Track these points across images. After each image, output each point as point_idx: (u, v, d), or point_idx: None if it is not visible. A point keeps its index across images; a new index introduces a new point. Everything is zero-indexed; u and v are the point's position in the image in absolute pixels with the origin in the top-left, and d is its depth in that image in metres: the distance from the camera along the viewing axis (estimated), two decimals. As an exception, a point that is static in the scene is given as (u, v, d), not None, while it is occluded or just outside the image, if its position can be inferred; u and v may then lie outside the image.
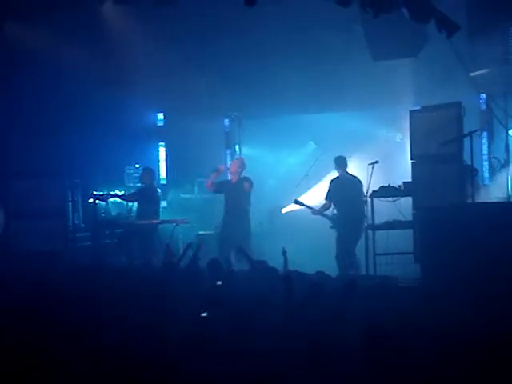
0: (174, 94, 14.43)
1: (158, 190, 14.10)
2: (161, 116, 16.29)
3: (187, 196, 15.49)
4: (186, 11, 12.55)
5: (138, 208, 13.09)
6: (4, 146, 12.81)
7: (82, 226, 13.91)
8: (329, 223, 12.05)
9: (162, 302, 7.07)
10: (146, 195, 13.04)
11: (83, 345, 5.88)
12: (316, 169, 14.76)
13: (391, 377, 4.96)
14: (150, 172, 13.53)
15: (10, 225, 12.57)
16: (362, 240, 11.48)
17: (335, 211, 12.01)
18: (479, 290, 8.00)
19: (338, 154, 12.30)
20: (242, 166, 12.74)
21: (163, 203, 14.78)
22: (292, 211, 14.54)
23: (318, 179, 14.57)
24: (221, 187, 12.78)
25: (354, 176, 12.15)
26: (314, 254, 11.88)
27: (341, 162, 12.17)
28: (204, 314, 6.54)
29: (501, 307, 6.75)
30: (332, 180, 12.21)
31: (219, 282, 8.08)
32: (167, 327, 6.21)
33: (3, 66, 12.62)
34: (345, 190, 11.93)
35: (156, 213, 13.04)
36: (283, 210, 14.98)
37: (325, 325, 6.07)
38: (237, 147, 16.14)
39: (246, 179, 12.53)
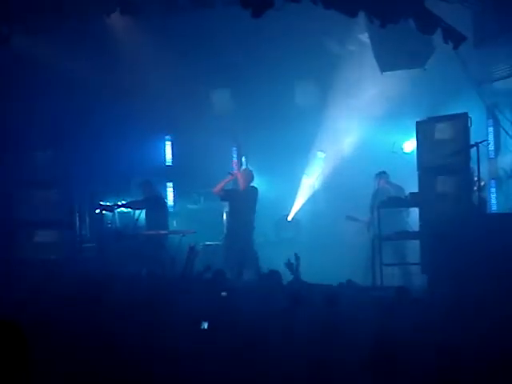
0: (181, 108, 14.43)
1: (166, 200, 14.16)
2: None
3: (194, 207, 15.49)
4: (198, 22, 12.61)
5: (147, 218, 13.08)
6: (11, 156, 12.84)
7: (89, 236, 13.90)
8: None
9: (164, 313, 7.06)
10: (154, 204, 13.04)
11: (83, 354, 5.88)
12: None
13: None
14: (147, 184, 13.45)
15: (17, 234, 12.59)
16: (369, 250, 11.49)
17: None
18: (486, 301, 7.97)
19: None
20: (251, 177, 12.78)
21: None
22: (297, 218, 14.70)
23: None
24: (228, 196, 12.80)
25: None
26: (326, 262, 11.94)
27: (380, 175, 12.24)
28: (205, 326, 6.51)
29: (508, 318, 6.72)
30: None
31: (224, 293, 8.03)
32: (168, 338, 6.19)
33: (11, 78, 12.66)
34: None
35: (165, 222, 13.04)
36: (289, 218, 15.05)
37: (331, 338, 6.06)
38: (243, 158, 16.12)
39: (254, 190, 12.58)
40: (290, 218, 15.12)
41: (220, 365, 5.57)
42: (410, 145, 13.94)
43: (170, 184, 15.91)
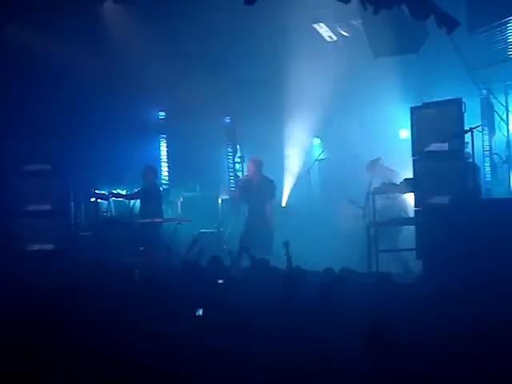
0: (175, 93, 14.43)
1: (161, 188, 14.16)
2: (162, 114, 16.20)
3: (189, 194, 15.49)
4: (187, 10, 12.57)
5: (141, 206, 13.12)
6: (6, 144, 12.80)
7: (84, 224, 13.91)
8: None
9: (162, 301, 7.07)
10: (149, 193, 13.08)
11: (83, 343, 5.88)
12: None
13: (391, 374, 4.96)
14: (152, 169, 13.57)
15: (12, 223, 12.58)
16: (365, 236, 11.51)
17: None
18: (481, 287, 8.01)
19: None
20: (260, 165, 12.89)
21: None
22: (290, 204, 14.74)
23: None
24: (244, 192, 13.03)
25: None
26: (318, 248, 11.97)
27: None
28: (200, 313, 6.53)
29: (502, 304, 6.76)
30: None
31: (221, 281, 8.05)
32: (166, 326, 6.21)
33: (5, 68, 12.61)
34: None
35: (160, 211, 13.06)
36: (283, 204, 15.03)
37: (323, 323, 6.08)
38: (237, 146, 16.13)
39: (267, 180, 12.85)
40: (283, 204, 15.07)
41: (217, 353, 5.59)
42: (405, 131, 13.99)
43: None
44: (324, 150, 14.99)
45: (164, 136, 16.10)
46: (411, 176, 11.10)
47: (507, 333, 5.67)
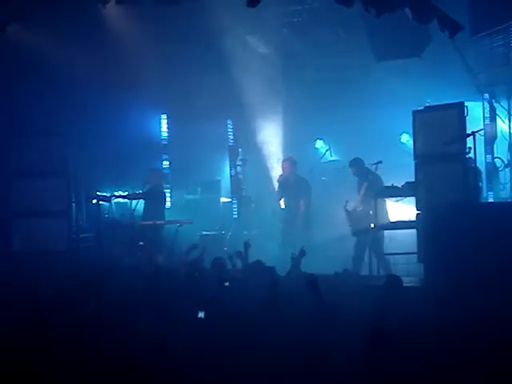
0: (177, 95, 14.44)
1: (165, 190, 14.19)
2: (164, 116, 16.17)
3: (191, 196, 15.49)
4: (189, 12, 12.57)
5: (145, 208, 13.11)
6: (8, 145, 12.81)
7: (86, 226, 13.90)
8: None
9: (163, 303, 7.07)
10: (154, 195, 13.07)
11: (82, 345, 5.88)
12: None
13: (391, 376, 4.96)
14: (158, 172, 13.59)
15: (13, 224, 12.58)
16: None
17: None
18: (482, 289, 8.00)
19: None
20: (295, 164, 13.13)
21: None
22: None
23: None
24: (282, 193, 13.33)
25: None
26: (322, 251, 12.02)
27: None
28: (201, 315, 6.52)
29: (503, 306, 6.75)
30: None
31: (227, 284, 8.00)
32: (167, 328, 6.20)
33: (6, 68, 12.63)
34: None
35: (162, 213, 13.07)
36: (282, 205, 14.97)
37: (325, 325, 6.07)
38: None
39: (301, 180, 13.12)
40: (283, 206, 15.00)
41: (219, 351, 5.59)
42: (406, 135, 14.03)
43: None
44: (327, 151, 15.04)
45: (166, 137, 16.05)
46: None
47: (508, 335, 5.66)
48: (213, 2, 12.48)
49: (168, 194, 15.26)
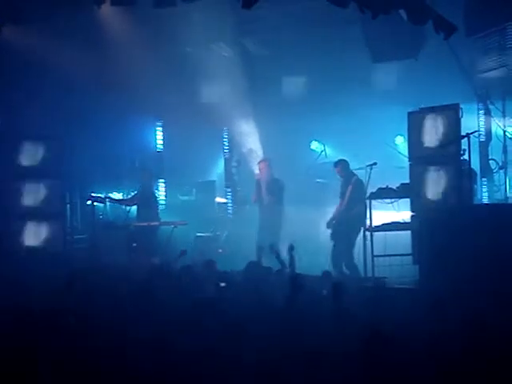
0: (172, 99, 14.41)
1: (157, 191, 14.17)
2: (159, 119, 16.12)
3: (185, 198, 15.46)
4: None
5: (138, 209, 13.10)
6: (3, 146, 12.78)
7: (80, 227, 13.87)
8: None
9: (158, 305, 7.05)
10: (146, 197, 13.07)
11: (80, 347, 5.86)
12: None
13: (387, 379, 4.95)
14: (148, 173, 13.55)
15: (9, 225, 12.55)
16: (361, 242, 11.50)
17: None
18: (478, 291, 8.02)
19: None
20: (270, 165, 13.13)
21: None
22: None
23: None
24: (258, 195, 13.16)
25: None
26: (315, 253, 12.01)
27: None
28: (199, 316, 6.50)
29: (498, 307, 6.76)
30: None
31: (223, 284, 7.99)
32: (162, 329, 6.18)
33: (1, 70, 12.59)
34: None
35: (156, 214, 13.05)
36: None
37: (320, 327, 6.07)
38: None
39: (277, 181, 13.00)
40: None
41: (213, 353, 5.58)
42: (400, 137, 14.05)
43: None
44: (322, 152, 15.05)
45: (161, 139, 15.99)
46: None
47: (505, 337, 5.66)
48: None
49: (163, 196, 15.29)
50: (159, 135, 15.83)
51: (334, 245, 11.86)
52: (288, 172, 13.88)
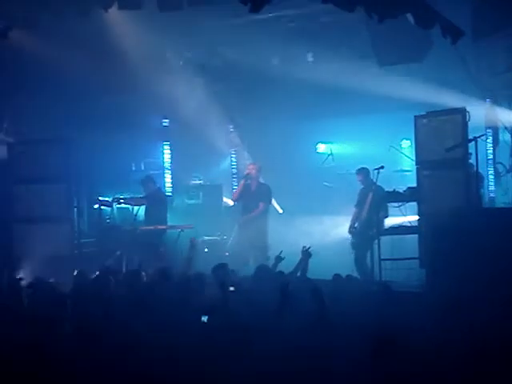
0: (178, 99, 14.45)
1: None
2: (165, 121, 16.11)
3: (192, 201, 15.46)
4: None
5: (146, 213, 13.08)
6: (10, 151, 12.82)
7: (87, 231, 13.89)
8: None
9: (166, 309, 7.05)
10: (156, 200, 13.05)
11: (85, 350, 5.87)
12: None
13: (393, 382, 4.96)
14: (150, 179, 13.48)
15: (16, 230, 12.57)
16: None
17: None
18: (484, 295, 7.99)
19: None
20: (259, 169, 12.90)
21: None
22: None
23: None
24: (241, 196, 12.94)
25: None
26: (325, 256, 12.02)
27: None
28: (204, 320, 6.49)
29: (506, 313, 6.73)
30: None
31: (232, 288, 7.94)
32: (169, 335, 6.18)
33: (9, 74, 12.63)
34: None
35: (164, 217, 13.04)
36: (280, 210, 14.92)
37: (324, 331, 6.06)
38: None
39: (264, 186, 12.81)
40: (280, 211, 14.94)
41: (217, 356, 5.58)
42: (407, 141, 14.05)
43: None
44: (329, 155, 15.05)
45: (168, 143, 16.00)
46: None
47: (511, 341, 5.65)
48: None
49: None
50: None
51: (356, 253, 11.88)
52: (293, 175, 13.91)
